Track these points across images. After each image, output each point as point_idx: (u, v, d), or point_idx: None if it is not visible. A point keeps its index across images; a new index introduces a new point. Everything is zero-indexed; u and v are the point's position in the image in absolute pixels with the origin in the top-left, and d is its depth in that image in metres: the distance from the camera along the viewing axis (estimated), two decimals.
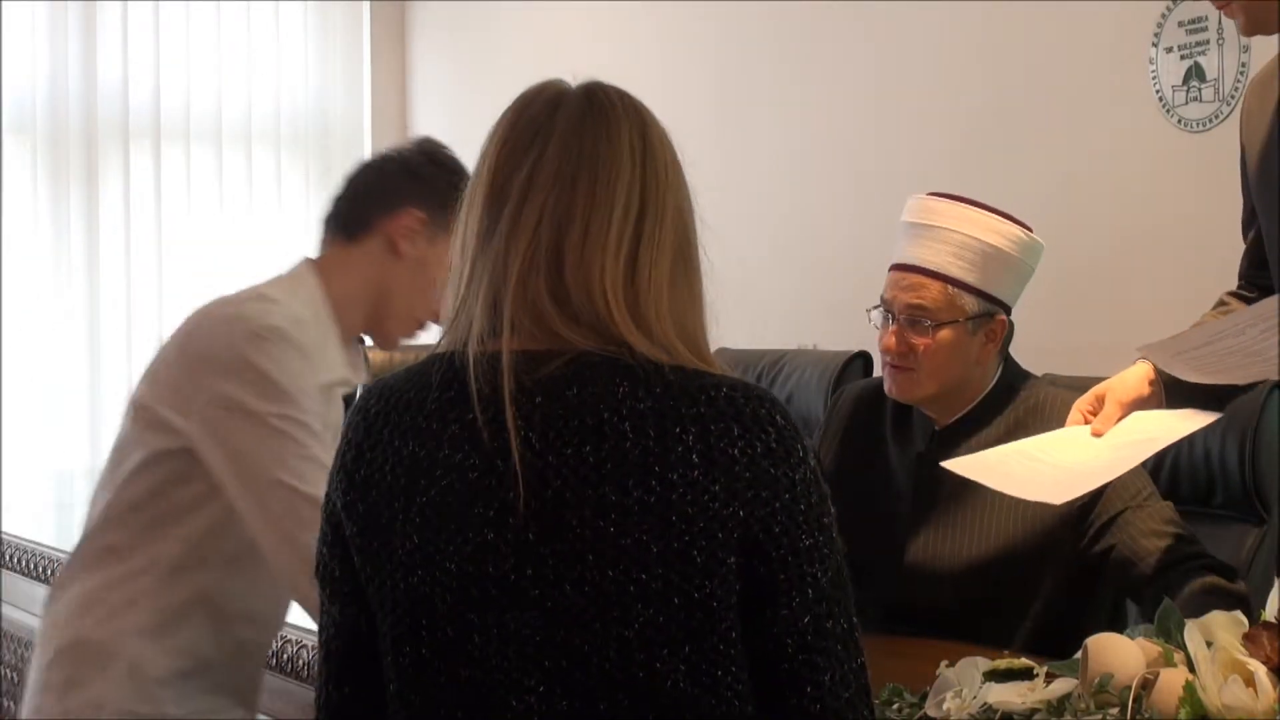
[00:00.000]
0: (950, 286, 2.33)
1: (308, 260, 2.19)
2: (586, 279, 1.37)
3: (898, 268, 2.39)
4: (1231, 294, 2.27)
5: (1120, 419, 2.11)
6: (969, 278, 2.34)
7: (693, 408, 1.34)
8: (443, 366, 1.42)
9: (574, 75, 1.49)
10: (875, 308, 2.42)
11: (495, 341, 1.38)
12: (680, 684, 1.32)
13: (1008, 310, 2.42)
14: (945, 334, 2.32)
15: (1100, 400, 2.14)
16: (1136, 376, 2.14)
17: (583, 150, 1.40)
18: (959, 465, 2.18)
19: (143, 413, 2.08)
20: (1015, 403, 2.38)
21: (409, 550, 1.38)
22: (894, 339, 2.35)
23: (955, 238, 2.34)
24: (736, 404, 1.35)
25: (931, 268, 2.34)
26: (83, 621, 2.06)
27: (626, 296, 1.38)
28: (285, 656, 2.45)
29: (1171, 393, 2.13)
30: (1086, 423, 2.14)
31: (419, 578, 1.37)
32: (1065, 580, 2.31)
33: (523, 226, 1.38)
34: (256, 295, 2.10)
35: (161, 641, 2.05)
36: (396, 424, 1.41)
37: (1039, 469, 2.11)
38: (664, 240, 1.41)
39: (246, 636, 2.15)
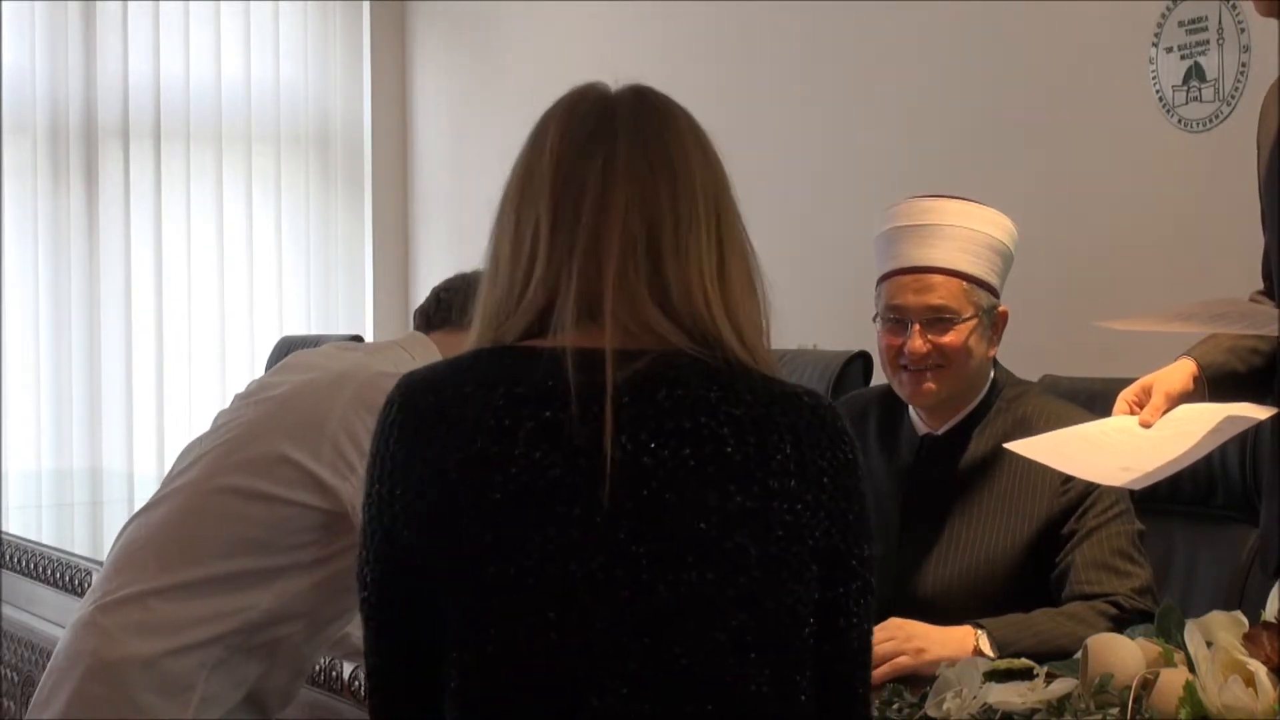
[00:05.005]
0: (965, 282, 2.31)
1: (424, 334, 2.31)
2: (685, 275, 1.38)
3: (903, 272, 2.34)
4: (1260, 294, 2.24)
5: (1167, 411, 2.09)
6: (978, 271, 2.32)
7: (785, 416, 1.36)
8: (505, 361, 1.39)
9: (612, 79, 1.48)
10: (877, 318, 2.38)
11: (583, 335, 1.36)
12: (763, 688, 1.33)
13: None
14: (967, 328, 2.31)
15: (1146, 391, 2.12)
16: (1181, 371, 2.12)
17: (650, 147, 1.40)
18: (1020, 446, 2.16)
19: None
20: (1004, 413, 2.36)
21: (483, 547, 1.34)
22: (915, 345, 2.31)
23: (960, 233, 2.32)
24: (820, 414, 1.38)
25: (945, 265, 2.31)
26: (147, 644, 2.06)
27: (720, 295, 1.39)
28: None
29: (1215, 388, 2.11)
30: (1132, 413, 2.12)
31: (491, 575, 1.34)
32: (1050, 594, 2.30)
33: (611, 219, 1.38)
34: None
35: (231, 676, 2.07)
36: (456, 420, 1.36)
37: (1101, 454, 2.09)
38: (737, 241, 1.43)
39: (303, 668, 2.19)
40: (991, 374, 2.40)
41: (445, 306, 2.35)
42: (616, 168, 1.39)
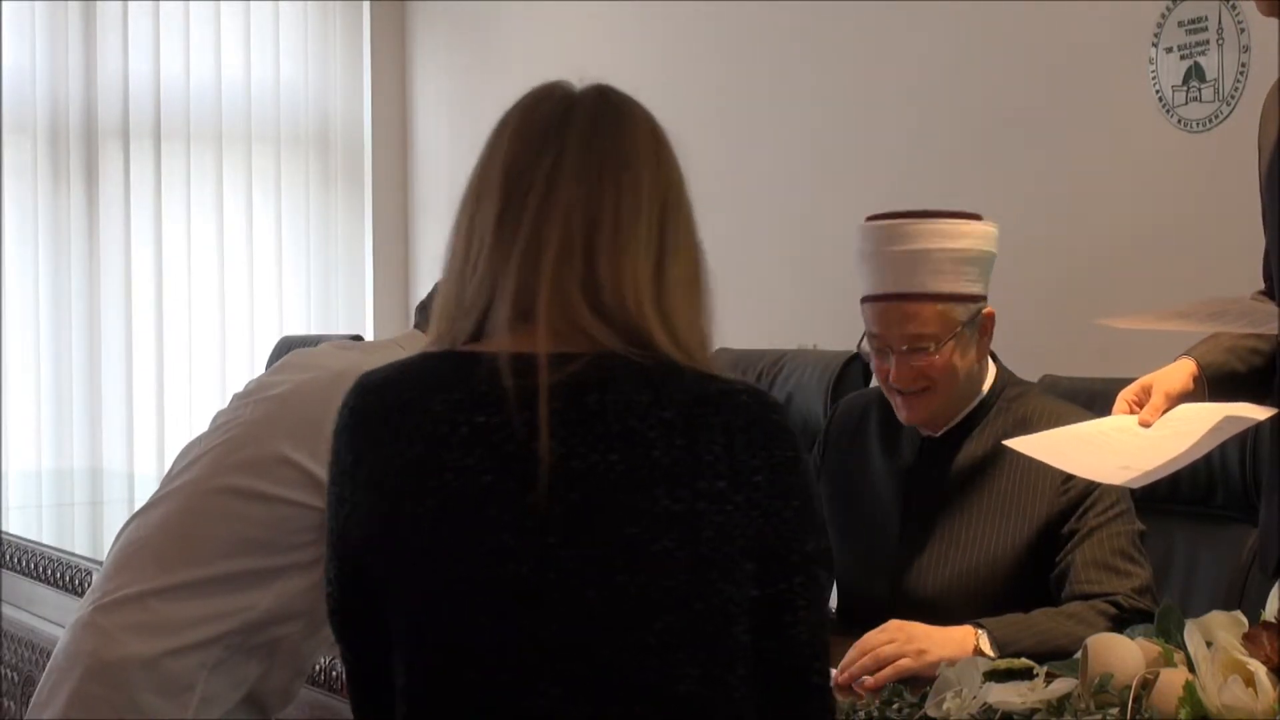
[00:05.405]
0: (941, 303, 2.30)
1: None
2: (618, 274, 1.38)
3: (880, 299, 2.33)
4: (1260, 294, 2.25)
5: (1166, 410, 2.10)
6: (953, 288, 2.30)
7: (718, 415, 1.35)
8: (446, 366, 1.40)
9: (578, 77, 1.48)
10: (862, 341, 2.38)
11: (518, 338, 1.37)
12: (693, 688, 1.34)
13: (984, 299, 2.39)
14: (949, 348, 2.30)
15: (1146, 391, 2.12)
16: (1180, 371, 2.13)
17: (604, 147, 1.41)
18: (1020, 444, 2.16)
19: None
20: (1004, 413, 2.36)
21: (417, 553, 1.37)
22: (900, 372, 2.31)
23: (930, 254, 2.30)
24: (754, 411, 1.37)
25: (918, 290, 2.30)
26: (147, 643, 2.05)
27: (654, 294, 1.39)
28: None
29: (1215, 388, 2.11)
30: (1132, 412, 2.12)
31: (429, 579, 1.37)
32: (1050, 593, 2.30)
33: (553, 218, 1.38)
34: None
35: (231, 676, 2.07)
36: (398, 425, 1.39)
37: (1101, 453, 2.09)
38: (682, 240, 1.43)
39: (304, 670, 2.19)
40: (992, 373, 2.40)
41: None
42: (564, 169, 1.40)
